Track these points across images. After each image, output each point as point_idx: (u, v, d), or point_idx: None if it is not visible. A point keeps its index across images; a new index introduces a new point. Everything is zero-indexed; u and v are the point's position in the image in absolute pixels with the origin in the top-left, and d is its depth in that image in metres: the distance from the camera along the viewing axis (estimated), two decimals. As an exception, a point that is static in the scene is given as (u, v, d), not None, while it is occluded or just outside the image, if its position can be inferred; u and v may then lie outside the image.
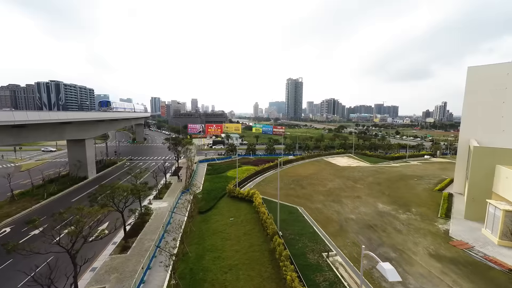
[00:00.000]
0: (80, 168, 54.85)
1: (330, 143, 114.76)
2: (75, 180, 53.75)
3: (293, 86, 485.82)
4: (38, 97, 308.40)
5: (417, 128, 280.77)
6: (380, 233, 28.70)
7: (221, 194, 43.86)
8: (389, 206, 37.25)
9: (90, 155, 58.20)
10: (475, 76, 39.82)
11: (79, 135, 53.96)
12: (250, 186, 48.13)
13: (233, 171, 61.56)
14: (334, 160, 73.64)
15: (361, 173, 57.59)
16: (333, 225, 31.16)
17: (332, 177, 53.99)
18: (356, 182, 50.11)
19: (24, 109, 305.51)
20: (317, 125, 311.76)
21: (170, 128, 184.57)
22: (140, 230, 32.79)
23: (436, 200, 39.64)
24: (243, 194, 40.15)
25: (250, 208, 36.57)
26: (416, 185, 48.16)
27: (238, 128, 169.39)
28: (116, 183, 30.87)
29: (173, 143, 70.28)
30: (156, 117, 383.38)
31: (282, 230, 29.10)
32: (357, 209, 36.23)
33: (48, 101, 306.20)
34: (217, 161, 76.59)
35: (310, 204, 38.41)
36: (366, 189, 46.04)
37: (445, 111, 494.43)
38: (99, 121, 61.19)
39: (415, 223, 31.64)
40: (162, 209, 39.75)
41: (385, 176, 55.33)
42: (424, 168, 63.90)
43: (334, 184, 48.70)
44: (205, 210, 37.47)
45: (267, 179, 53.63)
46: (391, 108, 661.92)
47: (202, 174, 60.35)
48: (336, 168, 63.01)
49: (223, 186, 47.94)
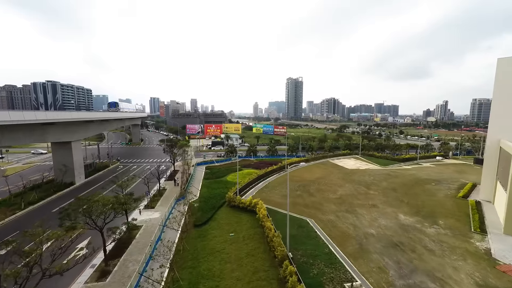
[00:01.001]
0: (66, 173, 50.13)
1: (334, 144, 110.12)
2: (60, 186, 49.03)
3: (293, 85, 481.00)
4: (35, 97, 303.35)
5: (420, 128, 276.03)
6: (409, 254, 24.04)
7: (220, 203, 39.16)
8: (411, 218, 32.60)
9: (78, 159, 53.49)
10: (507, 68, 35.14)
11: (65, 137, 49.25)
12: (252, 193, 43.46)
13: (233, 175, 56.95)
14: (341, 162, 68.96)
15: (372, 177, 52.92)
16: (351, 242, 26.51)
17: (341, 182, 49.33)
18: (369, 188, 45.45)
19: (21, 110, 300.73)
20: (318, 125, 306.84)
21: (168, 128, 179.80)
22: (125, 248, 28.11)
23: (463, 210, 35.01)
24: (245, 203, 35.48)
25: (253, 220, 31.93)
26: (435, 191, 43.50)
27: (238, 128, 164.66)
28: (94, 196, 26.15)
29: (168, 145, 65.55)
30: (155, 117, 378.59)
31: (292, 251, 24.45)
32: (375, 221, 31.58)
33: (45, 102, 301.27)
34: (216, 164, 71.94)
35: (321, 215, 33.75)
36: (381, 196, 41.39)
37: (446, 110, 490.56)
38: (89, 122, 56.47)
39: (447, 239, 26.99)
40: (153, 221, 35.07)
41: (400, 180, 50.67)
42: (439, 171, 59.24)
43: (345, 190, 44.04)
44: (201, 222, 32.77)
45: (270, 184, 48.97)
46: (391, 107, 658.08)
47: (199, 179, 55.68)
48: (345, 172, 58.34)
49: (223, 193, 43.31)
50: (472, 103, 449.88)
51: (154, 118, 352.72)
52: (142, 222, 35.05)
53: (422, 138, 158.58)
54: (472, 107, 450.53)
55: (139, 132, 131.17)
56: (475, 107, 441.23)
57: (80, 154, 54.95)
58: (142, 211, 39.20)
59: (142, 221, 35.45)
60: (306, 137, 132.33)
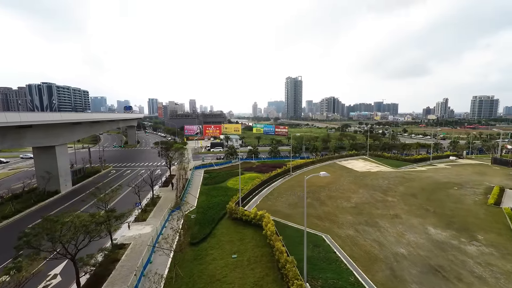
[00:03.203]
0: (50, 181, 45.31)
1: (339, 144, 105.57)
2: (43, 196, 44.29)
3: (293, 84, 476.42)
4: (30, 99, 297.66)
5: (423, 126, 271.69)
6: (457, 285, 19.38)
7: (220, 214, 34.40)
8: (444, 231, 27.96)
9: (63, 165, 48.68)
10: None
11: (47, 141, 44.45)
12: (256, 202, 38.73)
13: (234, 180, 52.27)
14: (350, 164, 64.31)
15: (387, 181, 48.29)
16: (379, 266, 21.85)
17: (354, 187, 44.67)
18: (386, 194, 40.80)
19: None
20: (319, 124, 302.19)
21: (166, 130, 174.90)
22: (107, 275, 23.39)
23: (500, 220, 30.41)
24: (249, 216, 30.75)
25: (259, 237, 27.23)
26: (461, 197, 38.90)
27: (238, 128, 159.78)
28: (66, 215, 21.36)
29: (163, 147, 60.78)
30: (153, 118, 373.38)
31: (310, 280, 19.79)
32: (403, 237, 26.94)
33: (40, 104, 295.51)
34: (215, 167, 67.23)
35: (338, 229, 29.08)
36: (402, 203, 36.74)
37: (447, 108, 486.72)
38: (76, 124, 51.64)
39: (496, 261, 22.36)
40: (143, 237, 30.38)
41: (417, 184, 46.06)
42: (457, 173, 54.64)
43: (360, 197, 39.37)
44: (198, 240, 28.05)
45: (276, 190, 44.27)
46: (391, 105, 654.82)
47: (197, 185, 50.96)
48: (355, 175, 53.67)
49: (223, 202, 38.62)
50: (473, 101, 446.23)
51: (152, 119, 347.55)
52: (131, 239, 30.36)
53: (427, 137, 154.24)
54: (472, 105, 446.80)
55: (135, 134, 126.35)
56: (475, 104, 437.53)
57: (66, 159, 50.14)
58: (132, 224, 34.52)
59: (130, 237, 30.77)
60: (309, 137, 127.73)
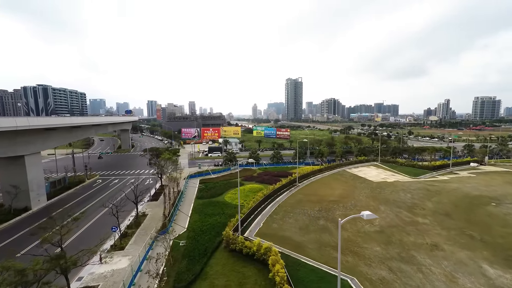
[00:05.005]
0: (18, 196, 38.73)
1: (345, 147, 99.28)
2: (8, 214, 37.69)
3: (293, 86, 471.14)
4: (25, 102, 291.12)
5: (427, 127, 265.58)
6: None
7: (215, 242, 27.74)
8: (507, 273, 21.40)
9: (35, 177, 42.09)
10: None
11: (13, 150, 37.90)
12: (259, 224, 32.13)
13: (232, 192, 45.75)
14: (361, 172, 57.80)
15: (409, 194, 41.78)
16: (438, 337, 15.29)
17: (373, 203, 38.13)
18: (414, 213, 34.25)
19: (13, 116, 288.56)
20: (320, 126, 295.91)
21: (163, 133, 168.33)
22: None
23: None
24: (251, 249, 24.14)
25: (265, 281, 20.66)
26: (506, 217, 32.38)
27: (238, 131, 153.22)
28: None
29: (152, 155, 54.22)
30: (151, 121, 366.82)
31: None
32: (455, 281, 20.37)
33: (36, 107, 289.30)
34: (212, 176, 60.65)
35: (366, 267, 22.50)
36: (437, 226, 30.21)
37: (448, 109, 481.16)
38: (50, 130, 45.10)
39: None
40: (117, 276, 23.77)
41: (446, 198, 39.54)
42: (486, 184, 48.14)
43: (383, 217, 32.83)
44: (185, 284, 21.44)
45: (282, 207, 37.68)
46: (391, 106, 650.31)
47: (191, 199, 44.42)
48: (370, 186, 47.16)
49: (219, 224, 32.11)
50: (474, 102, 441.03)
51: (150, 122, 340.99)
52: (100, 279, 23.68)
53: (434, 139, 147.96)
54: (474, 106, 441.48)
55: (129, 137, 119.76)
56: (477, 105, 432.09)
57: (39, 171, 43.55)
58: (106, 254, 27.77)
59: (100, 276, 24.08)
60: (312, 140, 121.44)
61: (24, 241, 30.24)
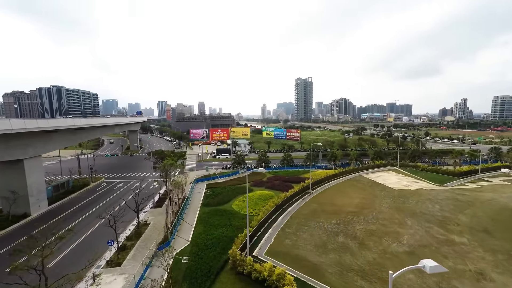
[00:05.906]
0: (17, 202, 36.94)
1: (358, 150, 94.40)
2: (5, 221, 35.87)
3: (303, 86, 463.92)
4: (40, 103, 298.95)
5: (443, 128, 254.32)
6: None
7: (221, 261, 24.54)
8: None
9: (35, 181, 40.25)
10: None
11: (11, 154, 36.05)
12: (269, 240, 28.68)
13: (240, 199, 42.59)
14: (380, 178, 53.36)
15: (438, 205, 37.30)
16: None
17: (398, 215, 33.97)
18: (447, 229, 29.94)
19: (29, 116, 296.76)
20: (331, 126, 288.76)
21: (171, 133, 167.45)
22: None
23: None
24: (260, 273, 20.76)
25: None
26: (558, 236, 27.68)
27: (246, 132, 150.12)
28: None
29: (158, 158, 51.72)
30: (161, 121, 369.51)
31: None
32: (516, 326, 16.37)
33: (50, 107, 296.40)
34: (220, 180, 57.67)
35: (400, 301, 18.73)
36: (478, 246, 25.90)
37: (465, 109, 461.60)
38: (52, 132, 43.22)
39: None
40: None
41: (481, 211, 34.88)
42: (524, 193, 42.93)
43: (412, 234, 28.71)
44: (184, 315, 18.36)
45: (295, 218, 34.10)
46: (404, 106, 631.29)
47: (196, 206, 41.55)
48: (392, 194, 42.86)
49: (225, 237, 29.00)
50: (494, 101, 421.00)
51: (160, 122, 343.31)
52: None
53: (453, 141, 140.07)
54: (494, 105, 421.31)
55: (137, 138, 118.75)
56: (497, 104, 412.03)
57: (40, 175, 41.74)
58: (101, 271, 25.17)
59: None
60: (323, 141, 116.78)
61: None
